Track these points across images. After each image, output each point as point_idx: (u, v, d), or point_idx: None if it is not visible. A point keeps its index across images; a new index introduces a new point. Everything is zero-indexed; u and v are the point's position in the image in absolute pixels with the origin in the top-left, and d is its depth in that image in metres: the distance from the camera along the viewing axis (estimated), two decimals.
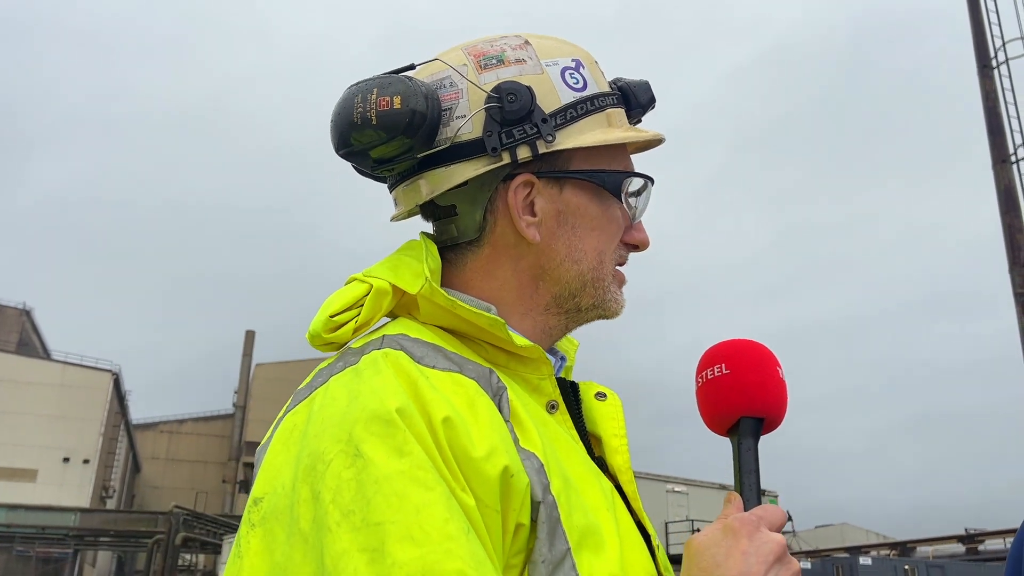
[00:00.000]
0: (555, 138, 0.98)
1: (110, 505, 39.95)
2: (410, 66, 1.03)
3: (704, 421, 0.99)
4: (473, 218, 1.00)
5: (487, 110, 0.97)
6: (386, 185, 1.08)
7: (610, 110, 1.03)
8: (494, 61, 1.00)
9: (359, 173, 1.07)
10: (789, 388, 0.98)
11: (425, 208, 1.04)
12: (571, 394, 1.04)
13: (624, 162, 1.06)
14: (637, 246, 1.07)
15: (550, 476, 0.85)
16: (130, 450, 48.10)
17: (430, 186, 1.00)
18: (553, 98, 0.99)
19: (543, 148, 0.97)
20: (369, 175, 1.07)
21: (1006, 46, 15.15)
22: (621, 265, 1.06)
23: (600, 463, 0.99)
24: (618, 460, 1.00)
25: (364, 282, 0.95)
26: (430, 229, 1.06)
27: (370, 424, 0.78)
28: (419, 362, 0.87)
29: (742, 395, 0.95)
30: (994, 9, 15.48)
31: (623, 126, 1.05)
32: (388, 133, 0.95)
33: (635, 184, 1.05)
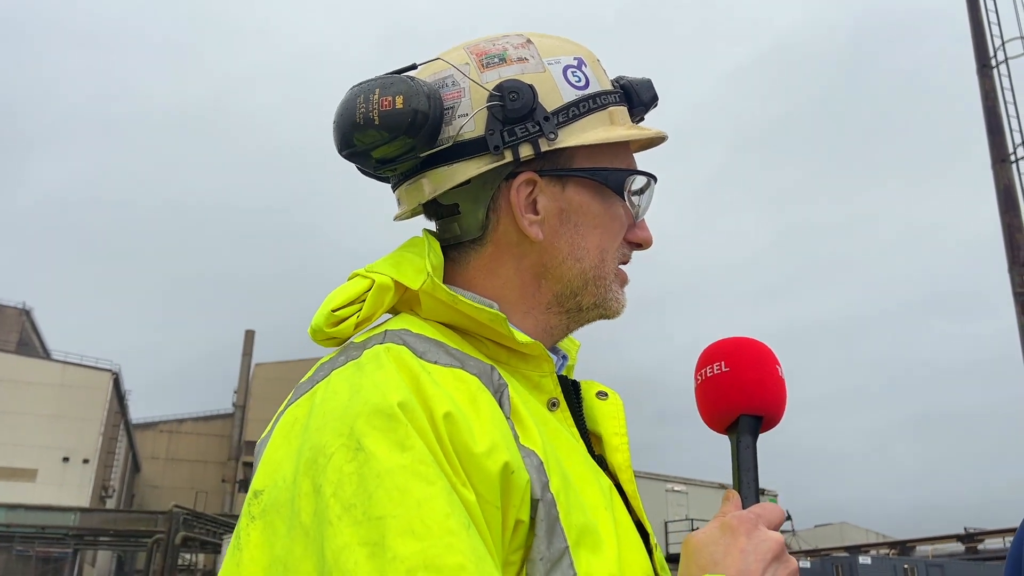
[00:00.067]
0: (557, 136, 0.98)
1: (110, 505, 39.84)
2: (412, 66, 1.03)
3: (703, 419, 0.99)
4: (476, 216, 1.00)
5: (489, 108, 0.97)
6: (389, 185, 1.08)
7: (612, 108, 1.03)
8: (496, 60, 1.00)
9: (362, 173, 1.07)
10: (789, 387, 0.98)
11: (428, 207, 1.04)
12: (572, 392, 1.04)
13: (627, 160, 1.06)
14: (640, 244, 1.06)
15: (549, 474, 0.85)
16: (130, 450, 47.98)
17: (433, 185, 1.00)
18: (555, 96, 0.99)
19: (545, 146, 0.97)
20: (372, 175, 1.07)
21: (1005, 46, 15.16)
22: (625, 264, 1.06)
23: (600, 461, 0.99)
24: (618, 459, 1.00)
25: (366, 277, 0.95)
26: (433, 228, 1.06)
27: (372, 418, 0.78)
28: (421, 357, 0.87)
29: (741, 393, 0.95)
30: (993, 9, 15.48)
31: (626, 124, 1.05)
32: (391, 133, 0.95)
33: (638, 182, 1.05)
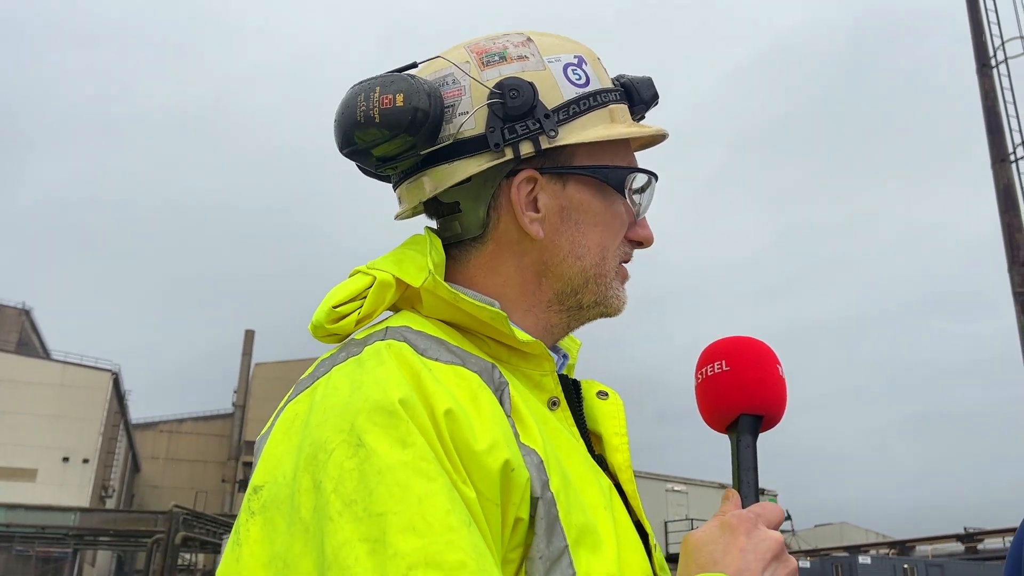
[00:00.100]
0: (558, 133, 0.98)
1: (110, 505, 39.82)
2: (412, 64, 1.03)
3: (703, 418, 0.99)
4: (476, 214, 1.00)
5: (489, 106, 0.97)
6: (390, 184, 1.08)
7: (613, 106, 1.03)
8: (496, 58, 1.00)
9: (363, 173, 1.07)
10: (789, 387, 0.98)
11: (429, 205, 1.04)
12: (573, 391, 1.04)
13: (628, 158, 1.06)
14: (641, 242, 1.06)
15: (549, 473, 0.85)
16: (130, 450, 47.95)
17: (433, 183, 1.00)
18: (555, 94, 0.99)
19: (546, 144, 0.97)
20: (373, 174, 1.07)
21: (1005, 45, 15.14)
22: (626, 262, 1.06)
23: (600, 461, 0.99)
24: (618, 458, 1.00)
25: (368, 274, 0.95)
26: (434, 226, 1.05)
27: (373, 414, 0.78)
28: (422, 354, 0.87)
29: (741, 392, 0.95)
30: (993, 9, 15.46)
31: (626, 122, 1.05)
32: (391, 131, 0.95)
33: (639, 180, 1.05)
